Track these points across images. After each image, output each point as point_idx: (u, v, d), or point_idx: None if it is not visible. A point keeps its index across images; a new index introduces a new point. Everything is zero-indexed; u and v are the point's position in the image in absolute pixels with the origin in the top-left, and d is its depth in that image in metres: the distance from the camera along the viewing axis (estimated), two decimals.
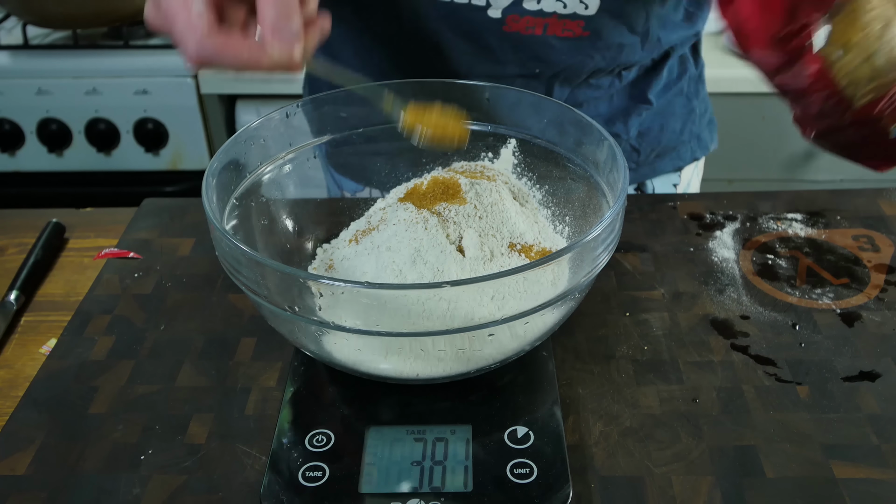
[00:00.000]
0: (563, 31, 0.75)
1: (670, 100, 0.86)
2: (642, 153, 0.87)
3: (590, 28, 0.75)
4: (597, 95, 0.82)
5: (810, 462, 0.52)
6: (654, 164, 0.89)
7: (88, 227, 0.79)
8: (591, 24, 0.74)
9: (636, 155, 0.87)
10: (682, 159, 0.90)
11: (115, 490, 0.51)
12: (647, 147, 0.87)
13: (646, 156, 0.87)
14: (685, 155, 0.90)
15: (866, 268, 0.69)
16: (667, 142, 0.88)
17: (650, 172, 0.89)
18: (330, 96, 0.64)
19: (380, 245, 0.56)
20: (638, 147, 0.86)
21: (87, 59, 1.52)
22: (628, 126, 0.84)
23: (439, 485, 0.49)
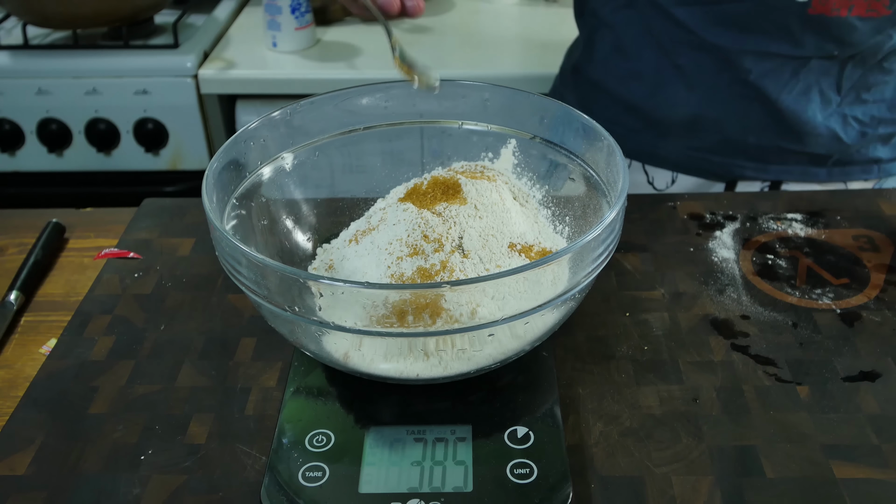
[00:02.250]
0: (868, 11, 0.77)
1: None
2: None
3: (893, 7, 0.77)
4: (886, 80, 0.84)
5: (810, 462, 0.52)
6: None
7: (88, 227, 0.79)
8: (894, 4, 0.77)
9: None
10: None
11: (115, 490, 0.51)
12: None
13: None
14: None
15: (866, 268, 0.69)
16: None
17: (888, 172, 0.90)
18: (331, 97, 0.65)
19: (380, 245, 0.56)
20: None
21: (87, 59, 1.52)
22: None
23: (439, 485, 0.49)
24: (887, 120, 0.85)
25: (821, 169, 0.88)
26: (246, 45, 1.60)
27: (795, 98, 0.83)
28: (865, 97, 0.84)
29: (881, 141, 0.87)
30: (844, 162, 0.88)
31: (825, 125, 0.84)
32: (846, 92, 0.83)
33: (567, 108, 0.62)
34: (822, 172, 0.89)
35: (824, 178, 0.89)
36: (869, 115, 0.85)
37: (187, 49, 1.53)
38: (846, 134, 0.85)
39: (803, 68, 0.82)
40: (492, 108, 0.66)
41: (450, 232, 0.55)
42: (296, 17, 1.53)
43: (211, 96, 1.54)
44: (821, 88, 0.83)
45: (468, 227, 0.55)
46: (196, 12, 1.73)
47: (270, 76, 1.51)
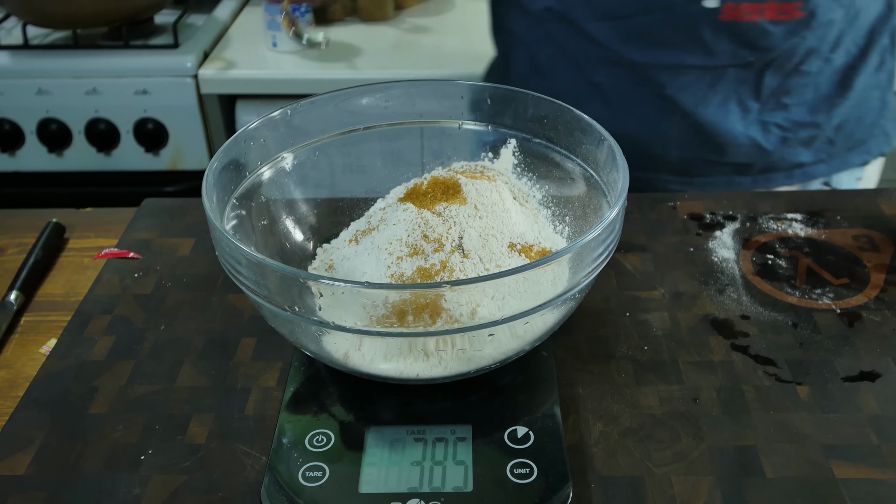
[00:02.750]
0: (779, 15, 0.77)
1: (868, 92, 0.88)
2: (837, 145, 0.88)
3: (806, 10, 0.77)
4: (805, 82, 0.84)
5: (810, 462, 0.52)
6: (845, 157, 0.90)
7: (88, 227, 0.79)
8: (807, 6, 0.77)
9: (830, 147, 0.88)
10: (870, 153, 0.91)
11: (115, 490, 0.51)
12: (842, 139, 0.88)
13: (839, 148, 0.88)
14: (873, 149, 0.91)
15: (866, 268, 0.69)
16: (860, 134, 0.89)
17: (841, 165, 0.90)
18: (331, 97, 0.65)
19: (380, 245, 0.56)
20: (834, 139, 0.87)
21: (87, 59, 1.52)
22: (830, 116, 0.85)
23: (439, 485, 0.49)
24: (808, 123, 0.85)
25: (745, 178, 0.88)
26: (246, 45, 1.60)
27: (714, 110, 0.83)
28: (786, 101, 0.84)
29: (803, 145, 0.87)
30: (768, 169, 0.88)
31: (745, 134, 0.84)
32: (766, 98, 0.83)
33: (567, 108, 0.62)
34: (746, 181, 0.89)
35: (749, 187, 0.89)
36: (790, 121, 0.85)
37: (187, 49, 1.53)
38: (767, 141, 0.85)
39: (720, 80, 0.81)
40: (492, 108, 0.66)
41: (450, 232, 0.55)
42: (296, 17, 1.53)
43: (211, 96, 1.54)
44: (739, 98, 0.83)
45: (468, 227, 0.55)
46: (196, 12, 1.73)
47: (270, 76, 1.51)
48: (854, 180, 0.92)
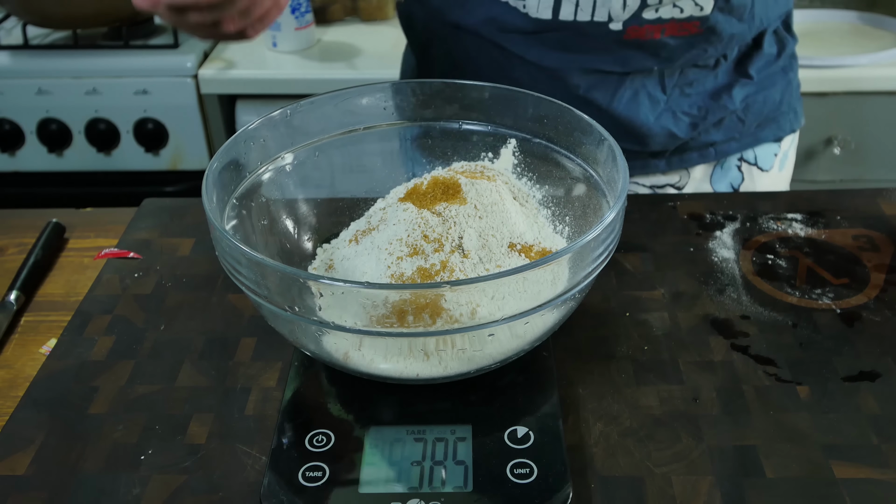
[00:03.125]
0: (680, 31, 0.81)
1: (770, 74, 0.91)
2: (747, 123, 0.91)
3: (705, 27, 0.81)
4: (704, 74, 0.87)
5: (810, 462, 0.52)
6: (756, 135, 0.93)
7: (88, 227, 0.79)
8: (706, 23, 0.80)
9: (741, 125, 0.91)
10: (783, 130, 0.94)
11: (115, 490, 0.51)
12: (752, 117, 0.91)
13: (749, 125, 0.91)
14: (784, 126, 0.94)
15: (866, 268, 0.69)
16: (768, 112, 0.92)
17: (753, 142, 0.93)
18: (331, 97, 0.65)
19: (380, 245, 0.56)
20: (744, 118, 0.90)
21: (87, 59, 1.52)
22: (733, 97, 0.88)
23: (439, 485, 0.49)
24: (714, 107, 0.88)
25: (660, 161, 0.91)
26: (246, 45, 1.60)
27: (626, 105, 0.86)
28: (689, 91, 0.87)
29: (713, 126, 0.90)
30: (682, 150, 0.91)
31: (658, 124, 0.87)
32: (670, 90, 0.86)
33: (567, 109, 0.62)
34: (661, 164, 0.91)
35: (665, 169, 0.92)
36: (696, 107, 0.88)
37: (187, 49, 1.53)
38: (678, 128, 0.88)
39: (627, 77, 0.85)
40: (492, 108, 0.66)
41: (450, 232, 0.55)
42: (296, 17, 1.53)
43: (211, 96, 1.54)
44: (647, 91, 0.86)
45: (468, 227, 0.55)
46: None
47: (270, 76, 1.51)
48: (772, 156, 0.95)
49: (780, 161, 0.96)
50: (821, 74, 1.42)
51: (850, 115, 1.48)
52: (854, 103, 1.47)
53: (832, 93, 1.45)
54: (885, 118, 1.49)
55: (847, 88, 1.45)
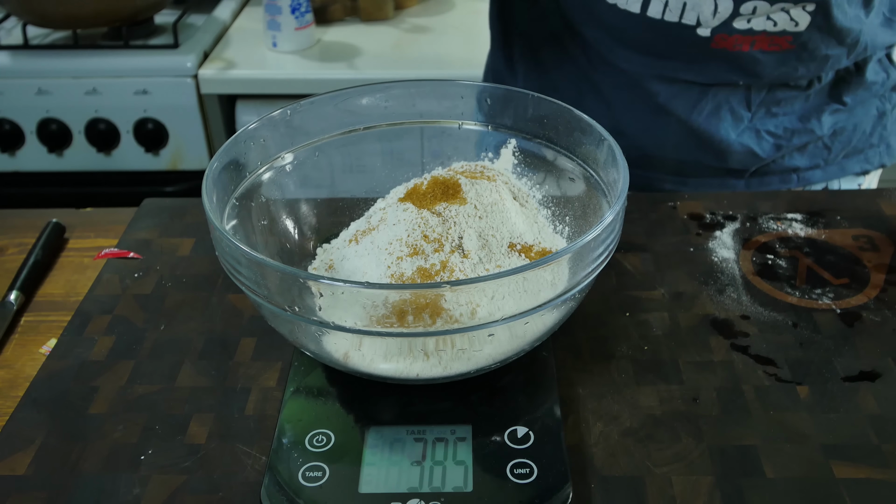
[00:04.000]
0: (770, 46, 0.78)
1: (864, 101, 0.87)
2: (833, 151, 0.88)
3: (797, 42, 0.77)
4: (794, 95, 0.84)
5: (810, 462, 0.52)
6: (842, 164, 0.89)
7: (88, 227, 0.79)
8: (798, 39, 0.77)
9: (827, 153, 0.88)
10: (870, 163, 0.91)
11: (115, 490, 0.51)
12: (839, 146, 0.88)
13: (836, 154, 0.88)
14: (873, 159, 0.91)
15: (866, 268, 0.69)
16: (857, 143, 0.89)
17: (838, 172, 0.90)
18: (331, 97, 0.65)
19: (380, 245, 0.56)
20: (830, 145, 0.87)
21: (87, 59, 1.52)
22: (822, 122, 0.85)
23: (439, 485, 0.49)
24: (800, 130, 0.85)
25: (739, 181, 0.89)
26: (246, 45, 1.60)
27: (706, 118, 0.83)
28: (776, 111, 0.84)
29: (797, 151, 0.87)
30: (763, 173, 0.88)
31: (739, 142, 0.84)
32: (756, 108, 0.84)
33: (567, 108, 0.62)
34: (740, 184, 0.89)
35: (744, 188, 0.89)
36: (782, 128, 0.85)
37: (187, 49, 1.53)
38: (761, 148, 0.85)
39: (710, 90, 0.82)
40: (492, 108, 0.66)
41: (450, 232, 0.55)
42: (296, 17, 1.53)
43: (211, 96, 1.54)
44: (731, 107, 0.83)
45: (468, 227, 0.55)
46: (196, 12, 1.73)
47: (270, 76, 1.51)
48: (855, 187, 0.92)
49: None
50: None
51: None
52: None
53: None
54: None
55: None
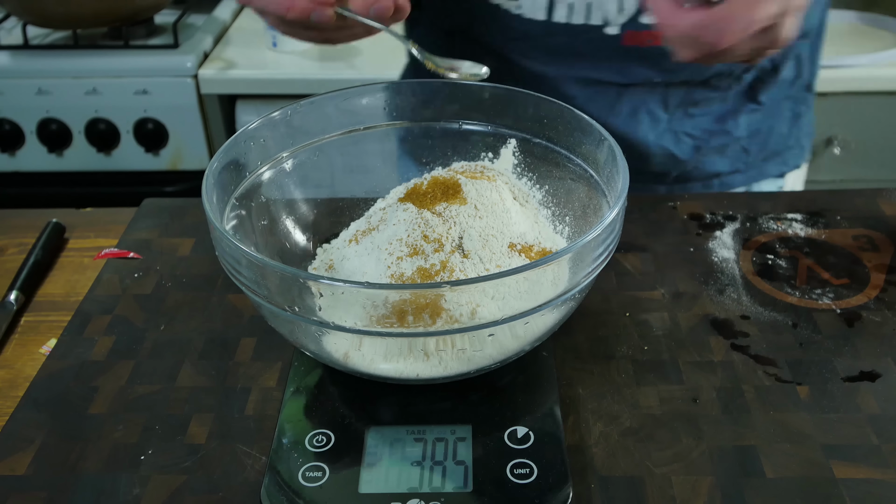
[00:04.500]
0: None
1: (779, 102, 0.87)
2: (752, 154, 0.88)
3: None
4: (711, 96, 0.84)
5: (810, 462, 0.52)
6: (761, 168, 0.90)
7: (88, 227, 0.79)
8: None
9: (746, 156, 0.88)
10: (787, 164, 0.91)
11: (115, 490, 0.51)
12: (756, 148, 0.88)
13: (755, 157, 0.88)
14: (790, 160, 0.91)
15: (866, 268, 0.69)
16: (774, 145, 0.89)
17: (757, 175, 0.90)
18: (331, 97, 0.65)
19: (380, 245, 0.56)
20: (748, 148, 0.87)
21: (87, 59, 1.52)
22: (738, 123, 0.85)
23: (439, 485, 0.49)
24: (718, 132, 0.85)
25: (661, 186, 0.88)
26: (246, 45, 1.60)
27: (624, 120, 0.82)
28: (693, 112, 0.84)
29: (717, 153, 0.86)
30: (685, 178, 0.88)
31: (658, 144, 0.84)
32: (673, 109, 0.83)
33: (567, 108, 0.62)
34: (662, 189, 0.89)
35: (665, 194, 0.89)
36: (699, 129, 0.84)
37: (187, 49, 1.53)
38: (680, 150, 0.85)
39: (627, 90, 0.81)
40: (492, 108, 0.66)
41: (450, 232, 0.55)
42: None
43: (211, 96, 1.54)
44: (648, 108, 0.82)
45: (468, 227, 0.55)
46: (196, 12, 1.73)
47: (270, 76, 1.51)
48: (775, 189, 0.92)
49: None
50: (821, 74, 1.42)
51: (850, 115, 1.48)
52: (854, 103, 1.47)
53: (832, 93, 1.45)
54: (885, 118, 1.49)
55: (847, 88, 1.45)
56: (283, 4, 0.51)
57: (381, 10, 0.54)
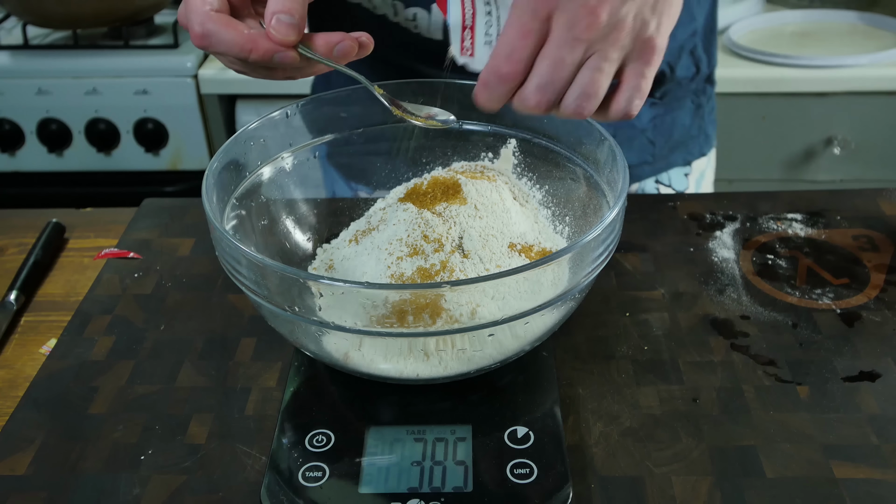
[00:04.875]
0: None
1: (681, 96, 0.88)
2: (657, 145, 0.89)
3: None
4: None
5: (810, 462, 0.52)
6: (668, 158, 0.91)
7: (88, 227, 0.79)
8: None
9: (652, 147, 0.89)
10: (692, 154, 0.93)
11: (115, 490, 0.51)
12: (662, 140, 0.89)
13: (661, 148, 0.89)
14: (694, 150, 0.93)
15: (866, 268, 0.69)
16: (678, 136, 0.90)
17: (665, 166, 0.91)
18: (330, 97, 0.64)
19: (380, 245, 0.56)
20: (654, 140, 0.88)
21: (87, 59, 1.52)
22: (640, 115, 0.85)
23: (439, 485, 0.49)
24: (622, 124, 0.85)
25: None
26: None
27: None
28: None
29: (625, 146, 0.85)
30: None
31: None
32: None
33: None
34: None
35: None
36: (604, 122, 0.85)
37: (187, 49, 1.53)
38: None
39: None
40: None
41: (450, 232, 0.55)
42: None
43: (211, 96, 1.54)
44: None
45: (468, 227, 0.55)
46: None
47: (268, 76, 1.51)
48: (683, 177, 0.94)
49: (696, 181, 0.94)
50: (821, 74, 1.43)
51: (850, 115, 1.48)
52: (854, 103, 1.47)
53: (832, 93, 1.45)
54: (885, 118, 1.49)
55: (847, 88, 1.45)
56: (244, 47, 0.50)
57: (344, 49, 0.53)
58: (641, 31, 0.47)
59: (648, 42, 0.48)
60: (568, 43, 0.46)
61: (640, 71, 0.48)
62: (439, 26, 0.74)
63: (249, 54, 0.51)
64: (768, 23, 1.59)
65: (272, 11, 0.50)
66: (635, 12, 0.47)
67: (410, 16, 0.74)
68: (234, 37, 0.50)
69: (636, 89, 0.49)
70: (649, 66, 0.48)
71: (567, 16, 0.46)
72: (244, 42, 0.50)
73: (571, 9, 0.45)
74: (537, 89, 0.47)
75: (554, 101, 0.48)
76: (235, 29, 0.51)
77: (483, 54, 0.48)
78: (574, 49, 0.46)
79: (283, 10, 0.50)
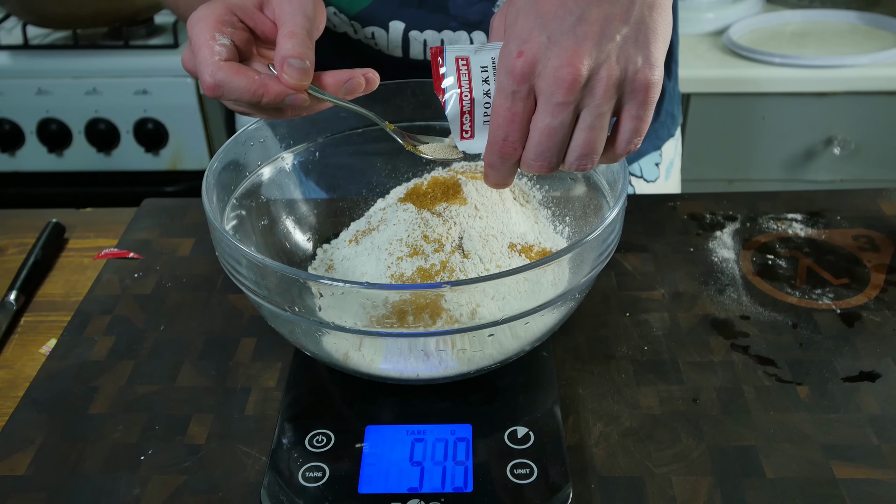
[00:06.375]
0: None
1: None
2: None
3: None
4: None
5: (810, 462, 0.52)
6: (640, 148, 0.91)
7: (88, 227, 0.79)
8: None
9: None
10: (661, 138, 0.93)
11: (115, 490, 0.51)
12: None
13: None
14: (663, 134, 0.93)
15: (866, 268, 0.69)
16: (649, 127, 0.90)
17: (636, 156, 0.91)
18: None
19: (380, 245, 0.56)
20: None
21: (87, 59, 1.52)
22: None
23: (439, 485, 0.49)
24: None
25: None
26: None
27: None
28: None
29: None
30: None
31: None
32: None
33: None
34: None
35: None
36: None
37: None
38: None
39: None
40: None
41: (450, 232, 0.55)
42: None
43: None
44: None
45: (468, 227, 0.55)
46: None
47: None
48: (653, 166, 0.94)
49: (666, 170, 0.94)
50: (821, 74, 1.42)
51: (850, 115, 1.48)
52: (854, 103, 1.47)
53: (832, 93, 1.45)
54: (885, 118, 1.49)
55: (847, 88, 1.44)
56: (256, 93, 0.51)
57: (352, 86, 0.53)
58: (628, 71, 0.45)
59: (639, 81, 0.45)
60: (553, 111, 0.45)
61: (634, 114, 0.47)
62: (398, 44, 0.75)
63: (262, 98, 0.51)
64: (768, 23, 1.59)
65: (283, 56, 0.50)
66: (617, 53, 0.45)
67: (369, 34, 0.75)
68: (245, 83, 0.50)
69: (634, 132, 0.47)
70: (644, 105, 0.46)
71: (546, 82, 0.44)
72: (256, 88, 0.51)
73: (548, 74, 0.44)
74: (536, 158, 0.47)
75: (556, 161, 0.48)
76: (246, 75, 0.51)
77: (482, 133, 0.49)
78: (561, 113, 0.45)
79: (294, 55, 0.50)
